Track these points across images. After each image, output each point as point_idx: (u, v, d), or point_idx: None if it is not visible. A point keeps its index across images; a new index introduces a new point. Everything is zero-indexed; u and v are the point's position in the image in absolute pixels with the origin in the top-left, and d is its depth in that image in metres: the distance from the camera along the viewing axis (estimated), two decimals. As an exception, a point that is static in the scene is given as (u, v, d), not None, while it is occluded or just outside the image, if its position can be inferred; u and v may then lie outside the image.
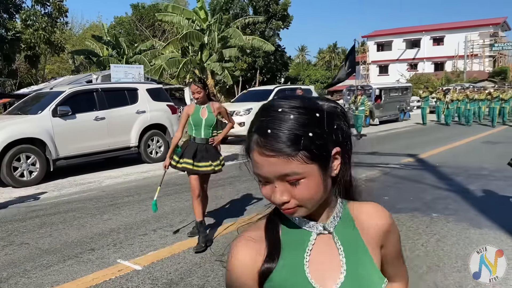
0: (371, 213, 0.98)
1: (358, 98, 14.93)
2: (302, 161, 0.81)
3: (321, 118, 0.84)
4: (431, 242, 4.40)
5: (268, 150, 0.81)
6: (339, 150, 0.87)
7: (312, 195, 0.85)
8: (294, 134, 0.81)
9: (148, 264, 4.02)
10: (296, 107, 0.84)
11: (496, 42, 43.87)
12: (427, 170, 8.25)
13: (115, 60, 29.45)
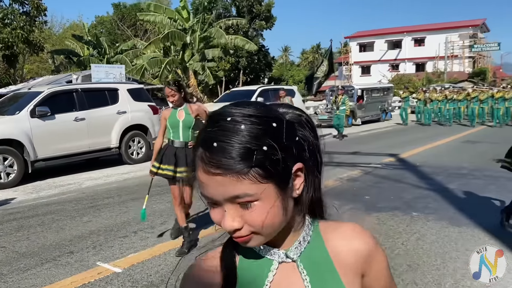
0: (348, 236, 0.82)
1: (339, 97, 14.86)
2: (255, 180, 0.68)
3: (278, 129, 0.72)
4: (411, 240, 4.45)
5: (214, 167, 0.68)
6: (301, 167, 0.74)
7: (268, 220, 0.71)
8: (245, 148, 0.68)
9: (128, 266, 3.96)
10: (249, 116, 0.70)
11: (476, 43, 44.70)
12: (407, 169, 8.34)
13: (96, 60, 29.08)
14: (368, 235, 0.84)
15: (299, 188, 0.75)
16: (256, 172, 0.68)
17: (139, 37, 36.14)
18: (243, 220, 0.71)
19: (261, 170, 0.69)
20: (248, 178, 0.68)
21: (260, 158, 0.68)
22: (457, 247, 4.23)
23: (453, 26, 46.37)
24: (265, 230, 0.73)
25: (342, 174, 7.94)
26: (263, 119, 0.71)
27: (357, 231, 0.84)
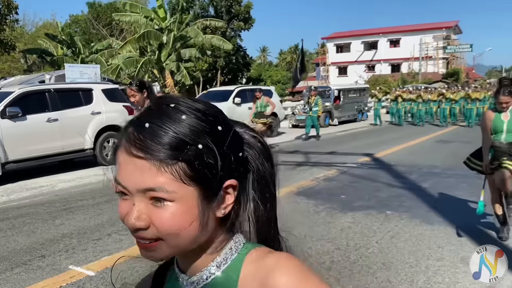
0: (268, 269, 0.64)
1: (311, 98, 14.60)
2: (178, 176, 0.60)
3: (222, 134, 0.64)
4: (385, 239, 4.51)
5: (137, 149, 0.61)
6: (234, 184, 0.66)
7: (177, 227, 0.62)
8: (179, 139, 0.60)
9: (102, 269, 3.89)
10: (196, 110, 0.64)
11: (449, 44, 45.78)
12: (382, 169, 8.47)
13: (70, 60, 28.56)
14: (293, 270, 0.63)
15: (226, 208, 0.66)
16: (182, 168, 0.60)
17: (115, 36, 35.64)
18: (150, 220, 0.62)
19: (188, 168, 0.61)
20: (170, 171, 0.60)
21: (191, 154, 0.61)
22: (429, 245, 4.31)
23: (427, 27, 47.36)
24: (172, 239, 0.63)
25: (319, 174, 8.00)
26: (209, 118, 0.64)
27: (280, 264, 0.64)
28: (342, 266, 3.81)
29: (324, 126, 19.19)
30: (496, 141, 4.31)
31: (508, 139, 4.23)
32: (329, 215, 5.41)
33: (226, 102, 13.76)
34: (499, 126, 4.28)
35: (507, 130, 4.22)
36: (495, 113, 4.33)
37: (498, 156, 4.25)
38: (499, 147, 4.27)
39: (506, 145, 4.23)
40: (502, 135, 4.26)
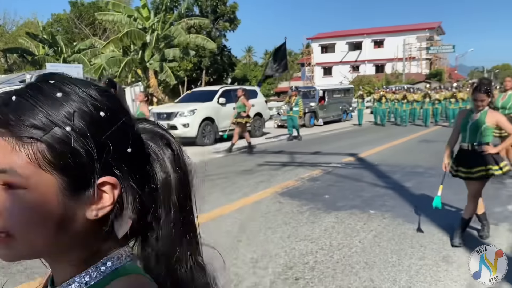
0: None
1: (292, 98, 14.31)
2: (35, 159, 0.51)
3: (105, 121, 0.54)
4: (368, 238, 4.52)
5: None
6: (113, 182, 0.55)
7: (27, 220, 0.52)
8: (44, 117, 0.52)
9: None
10: (80, 91, 0.55)
11: (432, 45, 46.39)
12: (366, 168, 8.52)
13: (52, 59, 28.17)
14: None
15: (101, 210, 0.55)
16: (41, 150, 0.51)
17: (98, 36, 35.24)
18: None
19: (49, 151, 0.51)
20: (26, 152, 0.51)
21: (55, 136, 0.52)
22: (412, 244, 4.33)
23: (410, 28, 47.91)
24: (23, 236, 0.53)
25: (303, 174, 8.00)
26: (93, 101, 0.54)
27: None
28: (325, 266, 3.80)
29: (309, 126, 19.26)
30: (462, 142, 4.29)
31: (471, 140, 4.18)
32: (313, 215, 5.41)
33: (211, 102, 13.68)
34: (464, 126, 4.23)
35: (471, 130, 4.16)
36: (467, 113, 4.30)
37: (462, 158, 4.21)
38: (464, 150, 4.25)
39: (469, 147, 4.18)
40: (467, 136, 4.21)
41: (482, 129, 4.09)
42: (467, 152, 4.19)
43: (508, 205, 5.71)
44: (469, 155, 4.16)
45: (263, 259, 3.99)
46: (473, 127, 4.13)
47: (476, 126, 4.11)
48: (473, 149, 4.15)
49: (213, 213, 5.48)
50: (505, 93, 7.13)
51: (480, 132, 4.11)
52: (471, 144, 4.16)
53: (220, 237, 4.58)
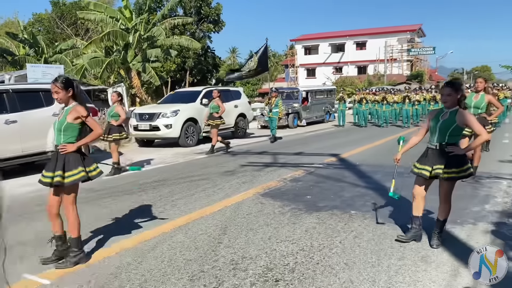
0: None
1: (272, 100, 14.09)
2: None
3: None
4: (348, 239, 4.53)
5: None
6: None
7: None
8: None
9: (58, 277, 3.74)
10: None
11: (413, 47, 47.01)
12: (348, 169, 8.56)
13: (33, 60, 27.67)
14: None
15: None
16: None
17: (80, 36, 34.78)
18: None
19: None
20: None
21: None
22: (392, 244, 4.35)
23: (392, 30, 48.46)
24: None
25: (286, 175, 8.01)
26: None
27: None
28: (305, 268, 3.80)
29: (292, 127, 19.34)
30: (430, 141, 4.22)
31: (440, 140, 4.10)
32: (295, 216, 5.40)
33: (194, 103, 13.60)
34: (434, 125, 4.15)
35: (440, 130, 4.08)
36: (437, 112, 4.23)
37: (431, 158, 4.14)
38: (432, 149, 4.17)
39: (437, 146, 4.11)
40: (435, 135, 4.14)
41: (452, 129, 4.04)
42: (435, 151, 4.13)
43: (485, 204, 5.79)
44: (438, 155, 4.10)
45: (244, 261, 3.97)
46: (442, 127, 4.08)
47: (446, 125, 4.06)
48: (441, 149, 4.09)
49: (193, 215, 5.44)
50: (477, 94, 7.21)
51: (449, 132, 4.06)
52: (440, 144, 4.10)
53: (200, 239, 4.54)
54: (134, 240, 4.62)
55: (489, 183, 7.09)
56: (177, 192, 6.75)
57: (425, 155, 4.26)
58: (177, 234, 4.72)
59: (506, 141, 13.19)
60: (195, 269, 3.80)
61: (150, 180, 7.76)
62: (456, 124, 4.04)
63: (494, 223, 4.98)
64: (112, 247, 4.42)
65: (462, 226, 4.86)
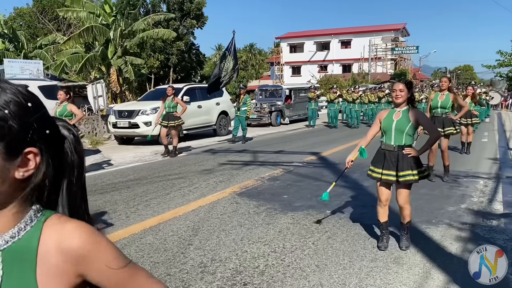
0: (65, 234, 0.79)
1: (240, 97, 13.14)
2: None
3: (31, 109, 0.78)
4: (322, 239, 4.45)
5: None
6: (34, 151, 0.78)
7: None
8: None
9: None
10: (14, 89, 0.78)
11: (397, 46, 47.33)
12: (327, 167, 8.50)
13: (12, 55, 27.04)
14: (86, 234, 0.79)
15: (26, 172, 0.77)
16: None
17: (62, 31, 34.18)
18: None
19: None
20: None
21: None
22: (365, 245, 4.29)
23: (376, 29, 48.75)
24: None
25: (264, 174, 7.91)
26: (24, 96, 0.78)
27: (76, 229, 0.79)
28: (275, 270, 3.70)
29: (275, 125, 19.26)
30: (385, 143, 4.05)
31: (397, 141, 3.97)
32: (269, 216, 5.31)
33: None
34: (388, 126, 3.99)
35: (396, 131, 3.95)
36: (389, 111, 4.10)
37: (388, 161, 3.99)
38: (389, 151, 4.01)
39: (395, 148, 3.97)
40: (391, 137, 3.98)
41: (407, 128, 3.93)
42: (394, 154, 3.99)
43: (461, 204, 5.77)
44: (396, 157, 3.97)
45: (213, 263, 3.86)
46: (398, 127, 3.95)
47: (401, 125, 3.94)
48: (398, 151, 3.98)
49: (166, 215, 5.30)
50: (442, 93, 7.12)
51: (405, 132, 3.94)
52: (398, 146, 3.98)
53: (171, 241, 4.42)
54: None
55: (466, 182, 7.10)
56: (152, 191, 6.59)
57: (383, 158, 4.07)
58: (147, 235, 4.58)
59: (485, 140, 13.32)
60: (162, 272, 3.67)
61: (125, 179, 7.59)
62: (411, 123, 3.93)
63: (469, 223, 4.95)
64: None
65: (436, 227, 4.81)
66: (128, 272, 0.84)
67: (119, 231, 4.73)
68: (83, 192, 0.90)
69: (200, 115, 14.27)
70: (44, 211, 0.82)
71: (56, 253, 0.77)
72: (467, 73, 78.13)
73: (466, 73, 78.08)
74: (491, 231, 4.66)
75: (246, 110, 12.96)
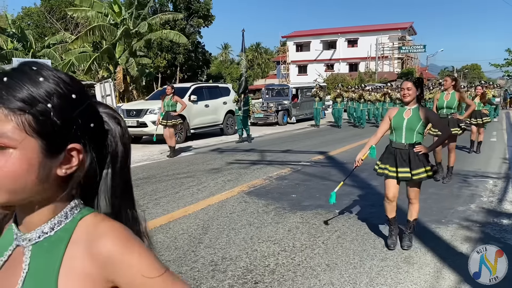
0: (96, 236, 0.73)
1: (241, 96, 13.11)
2: (22, 126, 0.67)
3: (75, 101, 0.72)
4: (331, 239, 4.46)
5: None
6: (78, 148, 0.73)
7: (15, 174, 0.67)
8: (31, 95, 0.68)
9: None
10: (58, 77, 0.71)
11: (404, 45, 47.12)
12: (335, 167, 8.50)
13: (21, 54, 27.26)
14: (118, 238, 0.73)
15: (69, 169, 0.73)
16: (28, 120, 0.68)
17: (70, 30, 34.38)
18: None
19: (34, 121, 0.68)
20: (16, 121, 0.67)
21: (39, 110, 0.68)
22: (375, 244, 4.29)
23: (383, 28, 48.57)
24: (8, 184, 0.68)
25: (272, 173, 7.92)
26: (68, 85, 0.72)
27: (108, 232, 0.74)
28: (286, 269, 3.71)
29: (282, 124, 19.26)
30: (396, 141, 4.06)
31: (408, 139, 3.98)
32: (278, 215, 5.32)
33: (182, 100, 13.42)
34: (399, 124, 4.00)
35: (407, 129, 3.96)
36: (399, 109, 4.11)
37: (399, 159, 3.99)
38: (399, 149, 4.01)
39: (407, 146, 3.98)
40: (402, 135, 4.00)
41: (418, 127, 3.95)
42: (404, 152, 3.99)
43: (471, 203, 5.75)
44: (407, 155, 3.98)
45: (224, 261, 3.88)
46: (409, 125, 3.96)
47: (412, 124, 3.95)
48: (409, 149, 3.98)
49: (176, 214, 5.33)
50: (447, 92, 7.04)
51: (416, 130, 3.95)
52: (409, 144, 3.98)
53: (181, 239, 4.45)
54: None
55: (475, 182, 7.06)
56: (161, 190, 6.63)
57: (394, 156, 4.06)
58: (158, 233, 4.61)
59: (494, 139, 13.24)
60: (173, 270, 3.66)
61: (134, 178, 7.58)
62: (422, 121, 3.95)
63: (479, 223, 4.93)
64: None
65: (446, 226, 4.80)
66: (164, 282, 0.74)
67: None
68: (127, 186, 0.83)
69: (207, 114, 14.32)
70: (83, 208, 0.78)
71: (84, 255, 0.72)
72: (475, 72, 77.57)
73: (474, 72, 77.54)
74: (502, 231, 4.65)
75: (247, 109, 12.96)
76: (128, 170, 0.84)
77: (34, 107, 0.68)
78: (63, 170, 0.72)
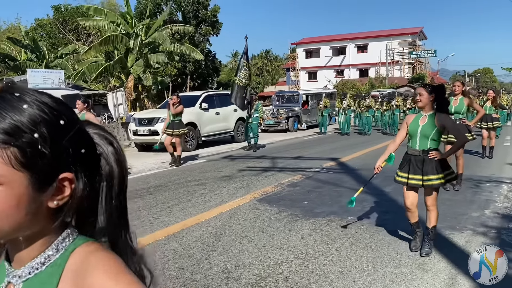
0: (88, 269, 0.68)
1: (252, 104, 12.62)
2: (8, 160, 0.62)
3: (64, 128, 0.67)
4: (345, 246, 4.45)
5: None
6: (70, 177, 0.68)
7: (3, 213, 0.63)
8: (15, 126, 0.63)
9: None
10: (41, 102, 0.65)
11: (414, 50, 46.90)
12: (347, 173, 8.48)
13: (35, 65, 27.72)
14: (107, 272, 0.67)
15: (61, 200, 0.68)
16: (14, 153, 0.63)
17: (82, 41, 34.88)
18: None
19: (20, 154, 0.63)
20: (1, 155, 0.62)
21: (25, 142, 0.63)
22: (388, 251, 4.27)
23: (393, 33, 48.40)
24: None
25: (284, 179, 7.93)
26: (54, 111, 0.67)
27: (101, 264, 0.68)
28: (299, 276, 3.72)
29: (292, 130, 19.27)
30: (411, 147, 4.08)
31: (421, 146, 4.00)
32: (291, 222, 5.32)
33: (193, 108, 13.54)
34: (414, 131, 4.03)
35: (421, 136, 3.99)
36: (415, 116, 4.13)
37: (414, 165, 3.99)
38: (414, 155, 4.03)
39: (420, 153, 4.00)
40: (417, 141, 4.03)
41: (433, 133, 3.96)
42: (419, 159, 4.01)
43: (485, 209, 5.69)
44: (421, 161, 3.98)
45: (237, 269, 3.89)
46: (423, 132, 3.98)
47: (427, 130, 3.97)
48: (424, 156, 3.99)
49: (188, 221, 5.36)
50: (456, 98, 6.99)
51: (431, 137, 3.97)
52: (423, 150, 4.00)
53: (194, 247, 4.47)
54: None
55: (489, 187, 7.00)
56: (173, 198, 6.68)
57: (408, 162, 4.08)
58: (171, 241, 4.65)
59: (507, 144, 13.09)
60: (187, 278, 3.73)
61: (147, 186, 7.70)
62: (437, 128, 3.96)
63: (494, 229, 4.89)
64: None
65: (461, 233, 4.77)
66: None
67: (142, 238, 4.79)
68: (123, 208, 0.78)
69: (218, 122, 14.40)
70: (76, 237, 0.73)
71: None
72: (487, 76, 76.84)
73: (486, 76, 76.80)
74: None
75: (258, 117, 12.68)
76: (125, 191, 0.78)
77: (19, 138, 0.63)
78: (54, 202, 0.68)
